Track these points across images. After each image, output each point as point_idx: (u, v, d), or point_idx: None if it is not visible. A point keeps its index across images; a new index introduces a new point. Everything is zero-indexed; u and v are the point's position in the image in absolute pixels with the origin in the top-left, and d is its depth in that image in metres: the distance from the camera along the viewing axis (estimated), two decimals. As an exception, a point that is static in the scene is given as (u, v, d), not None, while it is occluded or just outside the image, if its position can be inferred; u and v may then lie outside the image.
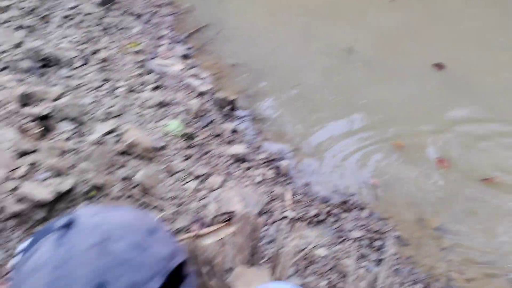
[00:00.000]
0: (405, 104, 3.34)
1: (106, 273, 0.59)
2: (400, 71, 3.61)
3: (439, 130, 3.12)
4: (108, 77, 3.00)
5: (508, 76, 3.50)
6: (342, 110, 3.27)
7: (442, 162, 2.84)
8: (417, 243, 2.28)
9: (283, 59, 3.78)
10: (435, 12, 4.30)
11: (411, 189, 2.63)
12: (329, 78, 3.63)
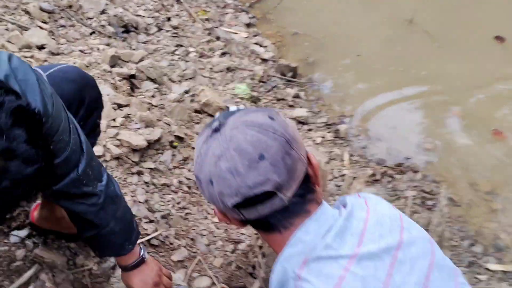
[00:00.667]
0: (465, 76, 3.43)
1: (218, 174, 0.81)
2: (461, 43, 3.68)
3: (498, 103, 3.22)
4: (180, 42, 3.30)
5: None
6: (401, 79, 3.41)
7: (499, 133, 2.96)
8: (468, 204, 2.46)
9: (344, 29, 3.92)
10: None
11: (466, 156, 2.78)
12: (389, 48, 3.75)
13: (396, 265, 0.83)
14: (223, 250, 1.86)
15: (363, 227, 0.86)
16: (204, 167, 0.84)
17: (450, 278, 0.90)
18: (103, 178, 1.28)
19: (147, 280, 1.40)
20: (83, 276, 1.67)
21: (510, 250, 2.23)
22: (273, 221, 0.85)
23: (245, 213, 0.83)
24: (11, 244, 1.70)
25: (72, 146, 1.16)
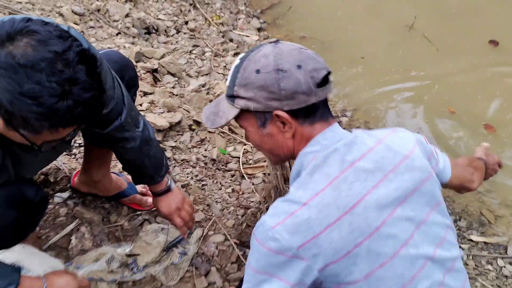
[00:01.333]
0: (460, 76, 3.73)
1: (302, 59, 1.13)
2: (457, 47, 4.00)
3: (490, 100, 3.50)
4: (197, 43, 3.65)
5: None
6: (401, 78, 3.71)
7: (490, 127, 3.24)
8: (456, 187, 2.73)
9: (349, 34, 4.26)
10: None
11: (456, 147, 3.07)
12: (391, 51, 4.07)
13: (385, 181, 1.12)
14: (235, 214, 2.17)
15: (370, 147, 1.15)
16: (286, 58, 1.10)
17: (428, 205, 1.17)
18: (140, 125, 1.61)
19: (171, 204, 1.74)
20: (115, 230, 1.99)
21: (492, 226, 2.50)
22: (321, 107, 1.15)
23: (318, 92, 1.11)
24: (55, 204, 2.03)
25: (116, 99, 1.49)
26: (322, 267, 1.06)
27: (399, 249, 1.08)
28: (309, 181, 1.11)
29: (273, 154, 1.25)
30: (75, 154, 2.26)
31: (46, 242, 1.87)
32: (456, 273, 1.19)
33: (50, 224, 1.95)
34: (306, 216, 1.05)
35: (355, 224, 1.05)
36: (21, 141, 1.16)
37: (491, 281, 2.16)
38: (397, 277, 1.08)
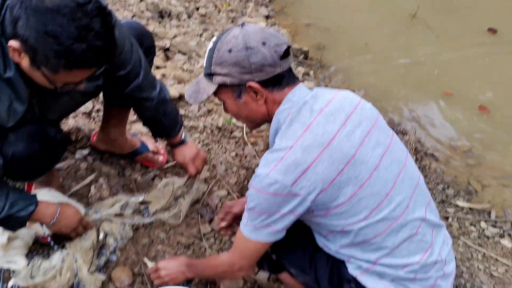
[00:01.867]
0: (459, 61, 3.93)
1: (266, 37, 1.36)
2: (457, 34, 4.21)
3: (486, 84, 3.70)
4: (206, 28, 3.90)
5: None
6: (402, 63, 3.92)
7: (484, 108, 3.44)
8: (446, 160, 2.95)
9: (353, 22, 4.48)
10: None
11: (451, 124, 3.27)
12: (394, 39, 4.29)
13: (352, 116, 1.34)
14: (238, 173, 2.40)
15: (330, 98, 1.38)
16: (252, 37, 1.30)
17: (387, 135, 1.40)
18: (157, 87, 1.86)
19: (185, 155, 2.02)
20: (130, 183, 2.24)
21: (478, 194, 2.71)
22: (285, 75, 1.35)
23: (282, 64, 1.31)
24: (76, 159, 2.28)
25: (134, 62, 1.74)
26: (314, 198, 1.28)
27: (373, 171, 1.31)
28: (289, 131, 1.33)
29: (249, 120, 1.48)
30: (94, 118, 2.52)
31: (69, 191, 2.13)
32: (422, 189, 1.44)
33: (72, 176, 2.21)
34: (293, 158, 1.28)
35: (334, 155, 1.28)
36: (42, 81, 1.40)
37: (473, 240, 2.37)
38: (375, 194, 1.30)
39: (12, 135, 1.55)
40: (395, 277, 1.37)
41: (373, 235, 1.32)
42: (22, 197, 1.65)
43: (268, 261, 1.61)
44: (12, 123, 1.50)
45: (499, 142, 3.16)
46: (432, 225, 1.43)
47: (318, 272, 1.48)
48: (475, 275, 2.17)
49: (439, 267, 1.40)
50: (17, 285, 1.77)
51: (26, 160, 1.59)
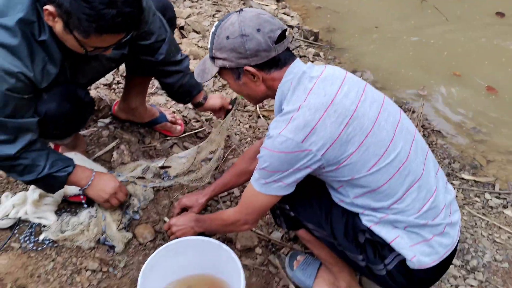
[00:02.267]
0: (467, 44, 4.02)
1: (261, 24, 1.49)
2: (466, 18, 4.29)
3: (495, 66, 3.79)
4: (219, 9, 4.00)
5: None
6: (412, 45, 4.02)
7: (492, 89, 3.53)
8: (453, 136, 3.06)
9: (364, 5, 4.56)
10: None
11: (459, 104, 3.38)
12: (404, 22, 4.36)
13: (345, 81, 1.47)
14: (251, 143, 2.53)
15: (322, 69, 1.50)
16: (248, 24, 1.43)
17: (379, 95, 1.52)
18: (180, 53, 2.04)
19: (214, 104, 2.22)
20: (149, 150, 2.37)
21: (483, 168, 2.82)
22: (282, 57, 1.48)
23: (277, 48, 1.44)
24: (99, 127, 2.42)
25: (158, 31, 1.89)
26: (324, 152, 1.40)
27: (375, 122, 1.43)
28: (293, 97, 1.46)
29: (250, 98, 1.63)
30: (114, 89, 2.65)
31: (92, 156, 2.26)
32: (420, 137, 1.57)
33: (95, 142, 2.35)
34: (301, 117, 1.40)
35: (338, 111, 1.40)
36: (73, 46, 1.53)
37: (477, 210, 2.49)
38: (380, 141, 1.43)
39: (45, 95, 1.68)
40: (407, 225, 1.49)
41: (384, 181, 1.44)
42: (61, 158, 1.79)
43: (286, 219, 1.74)
44: (45, 84, 1.64)
45: (505, 121, 3.26)
46: (433, 170, 1.56)
47: (334, 226, 1.59)
48: (479, 241, 2.29)
49: (446, 214, 1.53)
50: (48, 238, 1.91)
51: (57, 118, 1.73)
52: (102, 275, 1.86)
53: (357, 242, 1.56)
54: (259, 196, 1.53)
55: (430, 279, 1.60)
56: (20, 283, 1.78)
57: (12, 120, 1.57)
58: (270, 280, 1.95)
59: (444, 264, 1.56)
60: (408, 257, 1.48)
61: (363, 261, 1.57)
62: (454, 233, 1.56)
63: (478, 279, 2.09)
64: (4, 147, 1.61)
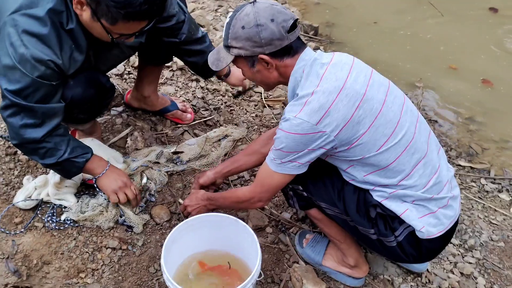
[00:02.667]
0: (463, 38, 4.16)
1: (274, 14, 1.60)
2: (461, 13, 4.43)
3: (489, 59, 3.93)
4: (221, 4, 4.12)
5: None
6: (408, 40, 4.15)
7: (487, 81, 3.66)
8: (450, 126, 3.20)
9: (362, 1, 4.69)
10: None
11: (455, 96, 3.51)
12: (401, 18, 4.49)
13: (353, 67, 1.58)
14: (259, 131, 2.65)
15: (331, 56, 1.61)
16: (262, 15, 1.55)
17: (385, 79, 1.64)
18: (201, 31, 2.19)
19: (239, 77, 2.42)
20: (162, 136, 2.48)
21: (479, 156, 2.96)
22: (294, 45, 1.59)
23: (289, 36, 1.55)
24: (112, 115, 2.52)
25: (178, 13, 2.01)
26: (337, 133, 1.52)
27: (383, 104, 1.55)
28: (307, 83, 1.57)
29: (263, 84, 1.74)
30: (126, 79, 2.76)
31: (107, 142, 2.37)
32: (424, 125, 1.69)
33: (109, 129, 2.46)
34: (316, 100, 1.52)
35: (350, 94, 1.52)
36: (100, 33, 1.64)
37: (473, 194, 2.63)
38: (388, 122, 1.55)
39: (71, 81, 1.79)
40: (415, 199, 1.62)
41: (393, 159, 1.57)
42: (80, 145, 1.89)
43: (298, 199, 1.85)
44: (72, 70, 1.75)
45: (499, 111, 3.40)
46: (435, 149, 1.69)
47: (346, 203, 1.70)
48: (476, 223, 2.42)
49: (449, 188, 1.66)
50: (69, 218, 2.02)
51: (83, 103, 1.84)
52: (122, 253, 1.97)
53: (369, 216, 1.67)
54: (274, 175, 1.65)
55: (436, 248, 1.73)
56: (45, 259, 1.89)
57: (42, 106, 1.67)
58: (281, 257, 2.06)
59: (448, 234, 1.70)
60: (418, 227, 1.61)
61: (374, 235, 1.69)
62: (456, 205, 1.70)
63: (475, 257, 2.22)
64: (31, 131, 1.71)
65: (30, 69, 1.59)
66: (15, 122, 1.68)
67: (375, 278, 2.04)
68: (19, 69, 1.58)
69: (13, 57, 1.57)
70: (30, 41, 1.57)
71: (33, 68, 1.59)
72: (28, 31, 1.57)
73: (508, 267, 2.19)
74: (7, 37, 1.57)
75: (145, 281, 1.90)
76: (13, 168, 2.18)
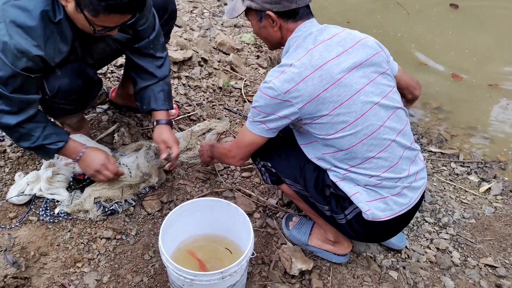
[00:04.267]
0: (428, 34, 4.39)
1: None
2: (424, 10, 4.68)
3: (454, 52, 4.16)
4: (196, 5, 4.22)
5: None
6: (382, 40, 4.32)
7: (456, 76, 3.87)
8: (420, 115, 3.39)
9: (333, 1, 4.88)
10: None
11: (424, 87, 3.70)
12: (371, 17, 4.70)
13: (349, 50, 1.66)
14: (241, 124, 2.77)
15: (336, 33, 1.72)
16: None
17: (376, 72, 1.71)
18: (165, 52, 2.19)
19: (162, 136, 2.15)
20: (148, 132, 2.57)
21: (448, 142, 3.16)
22: (300, 11, 1.69)
23: (299, 1, 1.64)
24: (98, 113, 2.59)
25: (149, 24, 2.07)
26: (301, 107, 1.63)
27: (353, 94, 1.64)
28: (293, 54, 1.68)
29: (267, 40, 1.84)
30: (109, 78, 2.83)
31: (95, 138, 2.43)
32: (398, 118, 1.75)
33: (95, 126, 2.52)
34: (291, 72, 1.62)
35: (323, 76, 1.62)
36: (83, 25, 1.69)
37: (445, 177, 2.81)
38: (352, 112, 1.64)
39: (59, 71, 1.85)
40: (366, 184, 1.73)
41: (348, 146, 1.67)
42: (56, 132, 1.92)
43: (269, 175, 1.97)
44: (58, 60, 1.79)
45: (464, 101, 3.62)
46: (402, 146, 1.75)
47: (307, 180, 1.82)
48: (448, 202, 2.60)
49: (405, 181, 1.76)
50: (63, 211, 2.08)
51: (69, 93, 1.90)
52: (116, 242, 2.05)
53: (324, 194, 1.80)
54: (247, 133, 1.78)
55: (385, 231, 1.85)
56: (42, 250, 1.95)
57: (18, 96, 1.73)
58: (269, 240, 2.18)
59: (400, 220, 1.80)
60: (363, 209, 1.72)
61: (328, 211, 1.82)
62: (413, 195, 1.79)
63: (449, 233, 2.39)
64: (6, 117, 1.77)
65: (11, 59, 1.63)
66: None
67: (359, 256, 2.18)
68: (0, 58, 1.63)
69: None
70: (16, 32, 1.62)
71: (14, 59, 1.63)
72: (15, 21, 1.61)
73: (479, 241, 2.36)
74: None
75: (140, 267, 1.98)
76: (3, 166, 2.23)
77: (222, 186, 2.38)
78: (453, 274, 2.16)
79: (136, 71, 2.18)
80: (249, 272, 2.00)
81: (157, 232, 2.11)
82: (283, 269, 2.03)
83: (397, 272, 2.12)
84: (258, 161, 1.96)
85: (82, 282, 1.88)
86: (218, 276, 1.59)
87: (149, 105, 2.16)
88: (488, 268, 2.22)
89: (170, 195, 2.26)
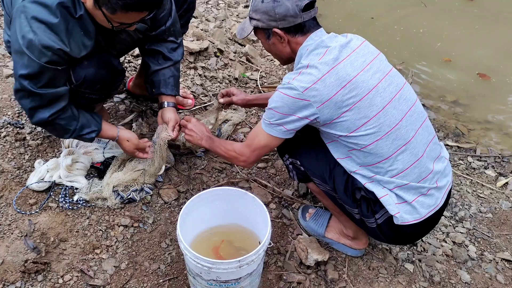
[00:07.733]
0: (447, 28, 4.34)
1: None
2: (443, 5, 4.63)
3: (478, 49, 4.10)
4: (211, -4, 4.23)
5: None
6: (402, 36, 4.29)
7: (483, 75, 3.81)
8: (437, 109, 3.37)
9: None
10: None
11: (442, 82, 3.69)
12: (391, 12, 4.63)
13: (357, 50, 1.68)
14: (257, 115, 2.77)
15: (341, 39, 1.74)
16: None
17: (387, 66, 1.74)
18: (180, 38, 2.21)
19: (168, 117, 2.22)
20: (165, 122, 2.58)
21: (465, 136, 3.14)
22: (307, 24, 1.72)
23: (303, 15, 1.68)
24: (115, 102, 2.61)
25: (167, 11, 2.08)
26: (319, 105, 1.63)
27: (372, 89, 1.64)
28: (307, 58, 1.69)
29: (278, 57, 1.87)
30: (126, 68, 2.84)
31: (112, 127, 2.46)
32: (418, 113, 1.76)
33: (113, 115, 2.55)
34: (308, 72, 1.64)
35: (340, 74, 1.63)
36: (102, 21, 1.72)
37: (461, 171, 2.80)
38: (373, 105, 1.64)
39: (85, 61, 1.88)
40: (395, 186, 1.71)
41: (371, 141, 1.67)
42: (88, 123, 1.98)
43: (297, 172, 1.98)
44: (83, 54, 1.83)
45: (481, 96, 3.59)
46: (425, 140, 1.75)
47: (336, 182, 1.82)
48: (465, 196, 2.59)
49: (431, 179, 1.75)
50: (82, 198, 2.11)
51: (94, 83, 1.93)
52: (134, 230, 2.08)
53: (354, 197, 1.79)
54: (263, 135, 1.78)
55: (414, 234, 1.84)
56: (62, 236, 1.98)
57: (47, 91, 1.76)
58: (285, 230, 2.19)
59: (428, 223, 1.79)
60: (393, 212, 1.71)
61: (358, 215, 1.82)
62: (439, 195, 1.78)
63: (466, 227, 2.38)
64: (39, 112, 1.80)
65: (37, 55, 1.66)
66: (26, 105, 1.78)
67: (374, 248, 2.18)
68: (27, 54, 1.65)
69: (22, 42, 1.64)
70: (39, 28, 1.64)
71: (40, 54, 1.66)
72: (37, 17, 1.64)
73: (496, 236, 2.35)
74: (18, 23, 1.65)
75: (157, 255, 2.00)
76: (23, 153, 2.26)
77: (238, 177, 2.40)
78: (469, 268, 2.16)
79: (151, 55, 2.21)
80: (265, 262, 2.02)
81: (173, 220, 2.13)
82: (298, 260, 2.05)
83: (412, 265, 2.12)
84: (287, 157, 1.96)
85: (101, 268, 1.91)
86: (235, 264, 1.61)
87: (159, 89, 2.21)
88: (505, 262, 2.21)
89: (186, 185, 2.28)
